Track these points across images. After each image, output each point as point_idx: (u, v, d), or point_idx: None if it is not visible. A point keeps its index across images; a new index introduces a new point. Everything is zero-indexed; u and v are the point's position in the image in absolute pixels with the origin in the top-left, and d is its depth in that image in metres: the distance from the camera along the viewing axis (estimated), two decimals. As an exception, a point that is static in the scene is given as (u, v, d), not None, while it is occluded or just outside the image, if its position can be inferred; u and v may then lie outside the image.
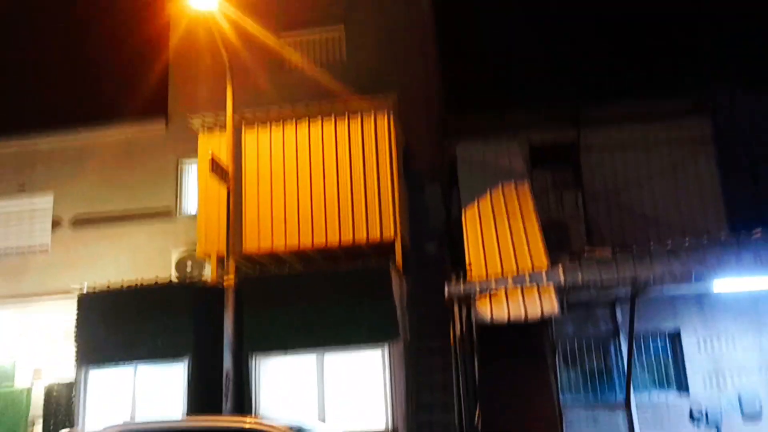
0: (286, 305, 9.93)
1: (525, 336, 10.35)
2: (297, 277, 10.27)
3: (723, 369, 11.26)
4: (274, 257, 11.73)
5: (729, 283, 10.51)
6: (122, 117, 15.28)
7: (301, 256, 11.64)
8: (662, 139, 14.07)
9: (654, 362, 11.79)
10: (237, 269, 10.31)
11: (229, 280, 9.83)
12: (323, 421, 9.17)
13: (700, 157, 13.97)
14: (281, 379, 9.79)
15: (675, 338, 11.68)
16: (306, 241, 11.23)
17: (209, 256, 11.55)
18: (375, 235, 11.05)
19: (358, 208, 11.25)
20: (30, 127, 15.65)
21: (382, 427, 9.21)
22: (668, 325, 11.65)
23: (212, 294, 10.07)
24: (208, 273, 12.42)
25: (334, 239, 11.14)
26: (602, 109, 14.10)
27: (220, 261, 11.21)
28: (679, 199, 13.73)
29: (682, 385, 11.46)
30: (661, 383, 11.71)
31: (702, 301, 11.46)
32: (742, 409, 11.01)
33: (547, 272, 9.75)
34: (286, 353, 9.78)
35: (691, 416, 11.15)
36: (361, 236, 11.08)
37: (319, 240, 11.17)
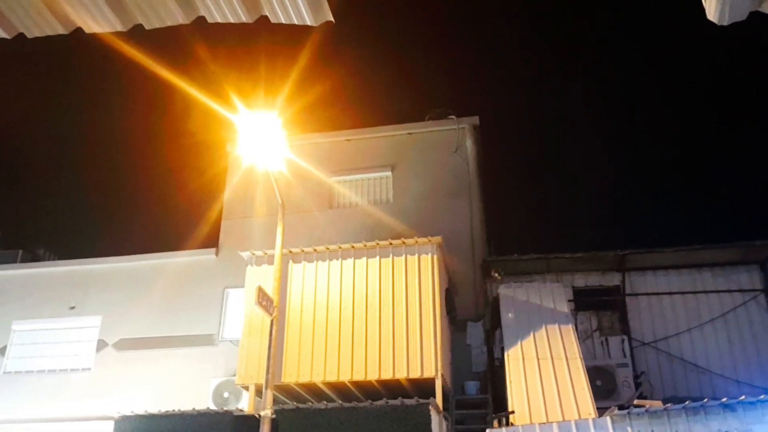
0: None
1: (571, 488, 9.77)
2: (334, 412, 10.03)
3: None
4: (312, 390, 11.59)
5: (792, 442, 9.88)
6: (177, 248, 16.03)
7: (340, 390, 11.48)
8: (710, 287, 13.86)
9: None
10: (274, 400, 10.20)
11: (266, 411, 9.71)
12: None
13: (752, 306, 13.63)
14: None
15: (736, 502, 10.80)
16: (345, 376, 11.11)
17: (248, 386, 11.48)
18: (416, 373, 10.88)
19: (399, 346, 11.19)
20: (89, 254, 16.49)
21: None
22: (727, 487, 10.83)
23: (248, 424, 9.90)
24: (244, 403, 12.28)
25: (373, 375, 11.00)
26: (648, 256, 14.06)
27: (259, 392, 11.13)
28: (731, 349, 13.25)
29: None
30: None
31: (763, 462, 10.71)
32: None
33: (594, 421, 9.36)
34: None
35: None
36: (401, 373, 10.92)
37: (359, 375, 11.04)
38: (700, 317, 13.66)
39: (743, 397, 8.95)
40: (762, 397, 8.98)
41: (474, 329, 13.94)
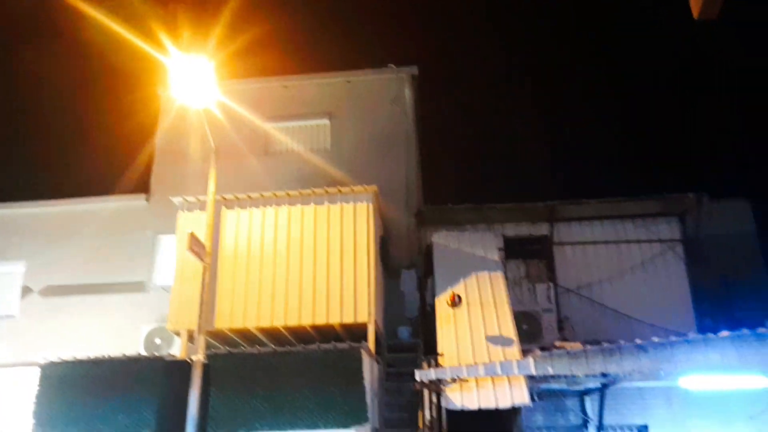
0: (253, 384, 9.76)
1: (494, 424, 10.28)
2: (267, 356, 10.14)
3: (692, 468, 11.19)
4: (246, 335, 11.66)
5: (696, 380, 10.63)
6: (105, 193, 15.56)
7: (273, 335, 11.58)
8: (633, 238, 14.53)
9: (624, 457, 11.69)
10: (207, 346, 10.22)
11: (198, 356, 9.73)
12: (285, 507, 8.85)
13: (669, 257, 14.39)
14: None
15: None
16: (279, 321, 11.21)
17: (179, 332, 11.44)
18: (349, 318, 11.08)
19: (333, 292, 11.33)
20: (12, 197, 15.78)
21: None
22: (637, 419, 11.63)
23: (180, 370, 9.90)
24: (177, 349, 12.25)
25: (307, 320, 11.14)
26: (575, 207, 14.59)
27: (191, 337, 11.11)
28: (648, 296, 14.01)
29: (651, 483, 11.34)
30: (631, 479, 11.56)
31: (671, 397, 11.53)
32: None
33: (518, 362, 9.80)
34: (251, 429, 9.54)
35: None
36: (335, 319, 11.11)
37: (292, 321, 11.17)
38: (621, 266, 14.35)
39: (655, 338, 9.54)
40: (672, 338, 9.59)
41: (407, 277, 14.22)
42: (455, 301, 10.45)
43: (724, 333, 9.34)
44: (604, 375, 10.59)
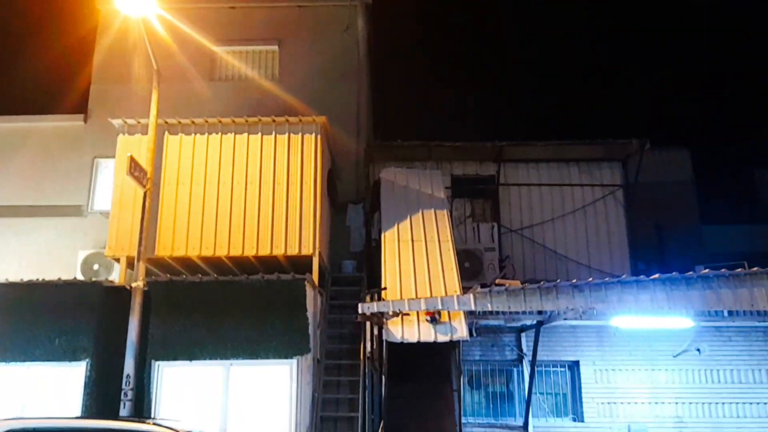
0: (195, 313, 9.69)
1: (433, 357, 10.57)
2: (209, 285, 10.07)
3: (616, 400, 11.84)
4: (187, 264, 11.50)
5: (626, 320, 11.12)
6: (41, 112, 14.81)
7: (216, 265, 11.46)
8: (576, 182, 14.82)
9: (553, 390, 12.26)
10: (147, 274, 10.05)
11: (138, 283, 9.56)
12: (225, 431, 8.96)
13: (609, 201, 14.77)
14: (184, 388, 9.50)
15: (574, 368, 12.20)
16: (222, 251, 11.07)
17: (119, 258, 11.19)
18: (293, 250, 11.03)
19: (278, 223, 11.21)
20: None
21: (285, 439, 9.10)
22: (569, 356, 12.17)
23: (118, 296, 9.73)
24: (116, 276, 12.01)
25: (251, 251, 11.04)
26: (522, 149, 14.72)
27: (130, 264, 10.88)
28: (587, 239, 14.44)
29: (578, 413, 11.96)
30: (558, 410, 12.17)
31: (601, 335, 12.06)
32: (631, 440, 11.59)
33: (458, 298, 9.99)
34: (191, 362, 9.53)
35: (584, 443, 11.65)
36: (279, 250, 11.04)
37: (236, 250, 11.05)
38: (563, 208, 14.67)
39: (591, 279, 9.85)
40: (607, 279, 9.92)
41: (354, 211, 14.19)
42: (434, 317, 10.32)
43: (656, 276, 9.70)
44: (540, 313, 10.96)
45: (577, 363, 12.15)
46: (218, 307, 9.78)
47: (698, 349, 11.98)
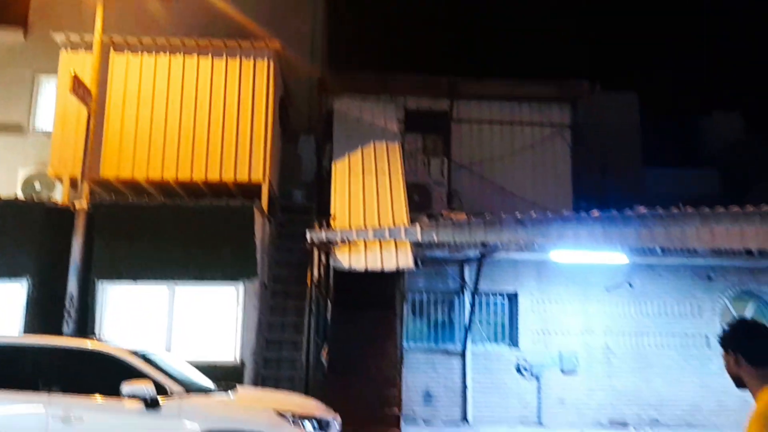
0: (141, 235, 9.66)
1: (379, 286, 10.85)
2: (156, 208, 10.01)
3: (550, 329, 12.45)
4: (133, 187, 11.34)
5: (565, 254, 11.58)
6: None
7: (163, 188, 11.34)
8: (526, 120, 15.04)
9: (492, 318, 12.80)
10: (91, 194, 9.90)
11: (82, 202, 9.43)
12: (169, 351, 9.11)
13: (557, 141, 15.08)
14: (129, 308, 9.58)
15: (513, 299, 12.72)
16: (170, 175, 10.94)
17: (61, 178, 10.94)
18: (243, 176, 10.98)
19: (228, 148, 11.10)
20: None
21: (230, 359, 9.31)
22: (508, 287, 12.65)
23: (61, 216, 9.58)
24: (59, 196, 11.77)
25: (199, 175, 10.94)
26: (476, 85, 14.80)
27: (74, 184, 10.67)
28: (534, 177, 14.79)
29: (514, 341, 12.55)
30: (496, 337, 12.74)
31: (540, 269, 12.54)
32: (561, 366, 12.26)
33: (405, 229, 10.23)
34: (136, 282, 9.56)
35: (518, 367, 12.28)
36: (229, 176, 10.97)
37: (184, 174, 10.93)
38: (513, 146, 14.92)
39: (534, 214, 10.19)
40: (549, 214, 10.28)
41: (306, 141, 14.13)
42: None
43: (595, 212, 10.10)
44: (483, 245, 11.29)
45: (515, 294, 12.65)
46: (165, 230, 9.76)
47: (630, 284, 12.61)
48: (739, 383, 2.73)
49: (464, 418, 12.14)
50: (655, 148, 18.76)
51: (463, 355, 12.30)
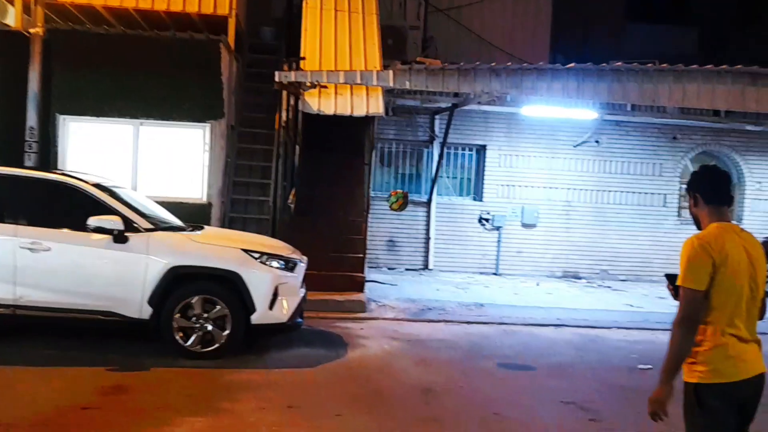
0: (102, 67, 9.23)
1: (348, 132, 10.75)
2: (117, 38, 9.49)
3: (515, 183, 12.71)
4: (91, 14, 10.63)
5: (535, 109, 11.52)
6: None
7: (122, 17, 10.66)
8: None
9: (459, 171, 12.96)
10: (46, 21, 9.27)
11: (36, 29, 8.85)
12: (135, 188, 9.06)
13: (539, -8, 14.46)
14: (92, 145, 9.37)
15: (481, 151, 12.81)
16: (129, 2, 10.22)
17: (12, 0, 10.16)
18: (208, 8, 10.31)
19: (191, -19, 10.34)
20: None
21: (197, 197, 9.35)
22: (477, 140, 12.69)
23: (16, 43, 9.03)
24: (11, 21, 11.01)
25: (161, 5, 10.25)
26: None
27: (26, 10, 9.93)
28: (513, 26, 14.31)
29: (479, 193, 12.83)
30: (462, 189, 13.00)
31: (510, 122, 12.54)
32: (522, 218, 12.66)
33: (378, 73, 9.92)
34: (98, 118, 9.28)
35: (480, 219, 12.66)
36: (192, 7, 10.28)
37: (145, 3, 10.22)
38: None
39: (509, 63, 9.94)
40: (524, 65, 10.05)
41: (275, -27, 13.24)
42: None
43: (570, 65, 9.89)
44: (456, 95, 11.14)
45: (484, 147, 12.72)
46: (128, 62, 9.34)
47: (597, 141, 12.74)
48: (698, 224, 3.03)
49: (426, 265, 12.64)
50: (638, 1, 18.14)
51: (428, 205, 12.56)
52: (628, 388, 5.76)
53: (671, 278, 3.03)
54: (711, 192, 2.99)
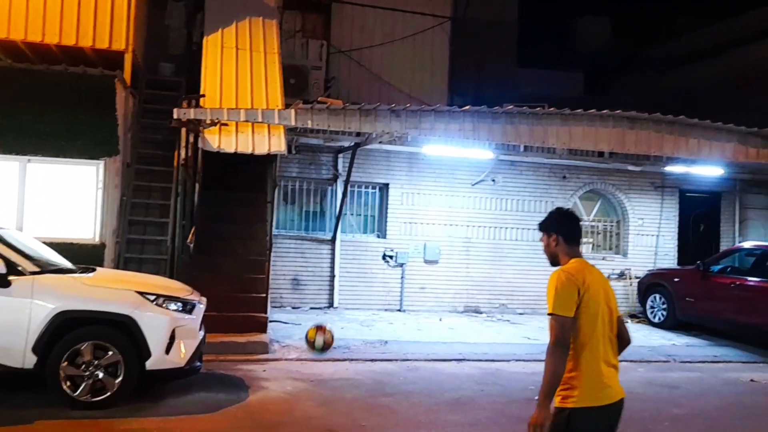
0: (-14, 101, 8.75)
1: (250, 170, 10.67)
2: (3, 71, 9.02)
3: (417, 220, 12.99)
4: (-26, 47, 10.08)
5: (435, 148, 11.91)
6: None
7: (10, 50, 10.17)
8: (408, 8, 14.80)
9: (363, 208, 13.11)
10: None
11: None
12: (21, 229, 8.55)
13: (438, 32, 15.04)
14: (-28, 183, 8.80)
15: (384, 190, 13.03)
16: (18, 35, 9.75)
17: None
18: (102, 42, 10.00)
19: (86, 9, 9.95)
20: None
21: (89, 237, 8.93)
22: (380, 178, 12.92)
23: None
24: None
25: (52, 38, 9.86)
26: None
27: None
28: (413, 68, 14.79)
29: (383, 230, 13.00)
30: (366, 227, 13.14)
31: (411, 161, 12.87)
32: (424, 255, 12.93)
33: (279, 112, 9.94)
34: (-19, 155, 8.75)
35: (384, 256, 12.81)
36: (87, 41, 9.93)
37: (34, 35, 9.79)
38: (393, 34, 14.72)
39: (409, 105, 10.26)
40: (423, 107, 10.39)
41: (175, 9, 13.08)
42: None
43: (466, 108, 10.34)
44: (358, 134, 11.33)
45: (387, 185, 12.95)
46: (17, 97, 8.92)
47: (493, 180, 13.28)
48: (554, 261, 3.36)
49: (331, 304, 12.60)
50: (529, 48, 19.22)
51: (332, 243, 12.58)
52: (525, 418, 5.94)
53: None
54: (570, 233, 3.33)
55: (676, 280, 12.29)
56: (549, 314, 3.07)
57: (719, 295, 11.30)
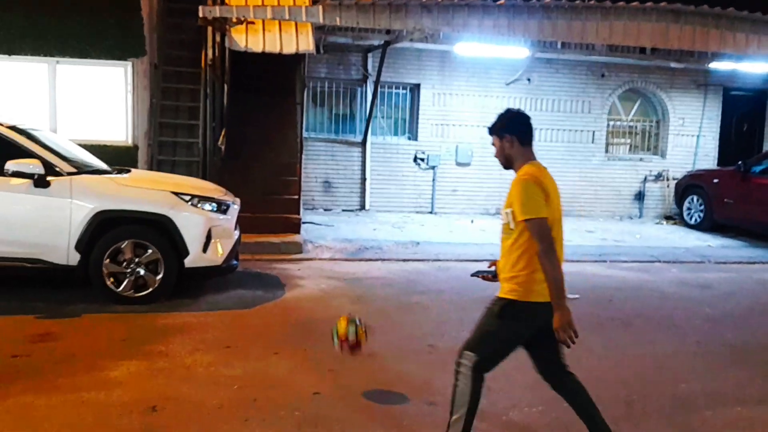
0: (13, 4, 8.63)
1: (278, 71, 10.48)
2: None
3: (449, 122, 12.76)
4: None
5: (468, 46, 11.50)
6: None
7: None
8: None
9: (393, 110, 12.90)
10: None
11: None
12: (55, 131, 8.63)
13: None
14: (4, 86, 8.82)
15: (415, 90, 12.75)
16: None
17: None
18: None
19: None
20: None
21: (122, 139, 9.00)
22: (411, 78, 12.61)
23: None
24: None
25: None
26: None
27: None
28: None
29: (414, 132, 12.83)
30: (396, 129, 12.97)
31: (443, 60, 12.48)
32: (456, 157, 12.79)
33: (307, 9, 9.63)
34: (10, 57, 8.71)
35: (415, 158, 12.71)
36: (109, -63, 9.67)
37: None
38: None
39: (440, 1, 9.82)
40: (455, 1, 9.95)
41: None
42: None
43: (501, 1, 9.88)
44: (388, 32, 10.97)
45: (418, 86, 12.66)
46: (40, -1, 8.76)
47: (528, 79, 12.87)
48: (508, 165, 3.28)
49: (362, 206, 12.66)
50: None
51: (363, 146, 12.49)
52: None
53: (482, 273, 3.51)
54: (525, 134, 3.23)
55: (714, 181, 12.02)
56: (524, 220, 3.03)
57: (759, 196, 11.05)
